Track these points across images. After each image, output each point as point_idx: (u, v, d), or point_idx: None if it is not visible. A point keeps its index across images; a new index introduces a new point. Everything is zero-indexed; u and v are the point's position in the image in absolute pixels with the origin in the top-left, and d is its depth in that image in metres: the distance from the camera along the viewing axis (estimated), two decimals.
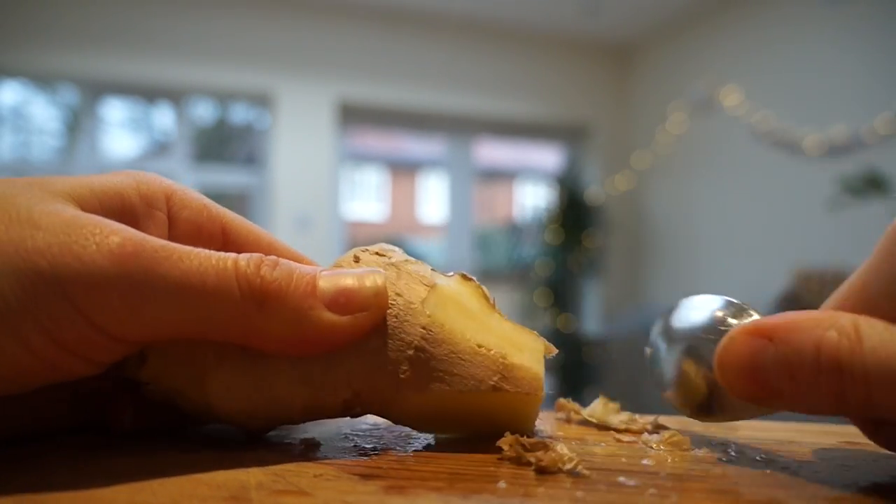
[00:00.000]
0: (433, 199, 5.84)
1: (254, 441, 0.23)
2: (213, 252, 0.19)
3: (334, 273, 0.21)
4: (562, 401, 0.28)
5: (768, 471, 0.20)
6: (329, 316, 0.20)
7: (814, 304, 0.21)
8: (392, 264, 0.23)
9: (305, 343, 0.20)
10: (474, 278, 0.23)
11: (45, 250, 0.17)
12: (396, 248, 0.24)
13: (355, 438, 0.23)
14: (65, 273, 0.17)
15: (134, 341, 0.19)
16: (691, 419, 0.23)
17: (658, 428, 0.25)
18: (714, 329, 0.21)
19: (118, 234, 0.18)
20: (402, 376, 0.21)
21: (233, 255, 0.20)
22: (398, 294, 0.22)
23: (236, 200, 3.51)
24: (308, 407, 0.21)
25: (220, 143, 3.97)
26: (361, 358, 0.21)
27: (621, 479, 0.18)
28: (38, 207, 0.18)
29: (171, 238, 0.23)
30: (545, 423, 0.27)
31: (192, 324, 0.19)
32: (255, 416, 0.21)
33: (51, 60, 3.05)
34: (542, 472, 0.19)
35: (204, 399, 0.22)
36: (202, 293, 0.19)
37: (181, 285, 0.18)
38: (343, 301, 0.21)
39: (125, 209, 0.21)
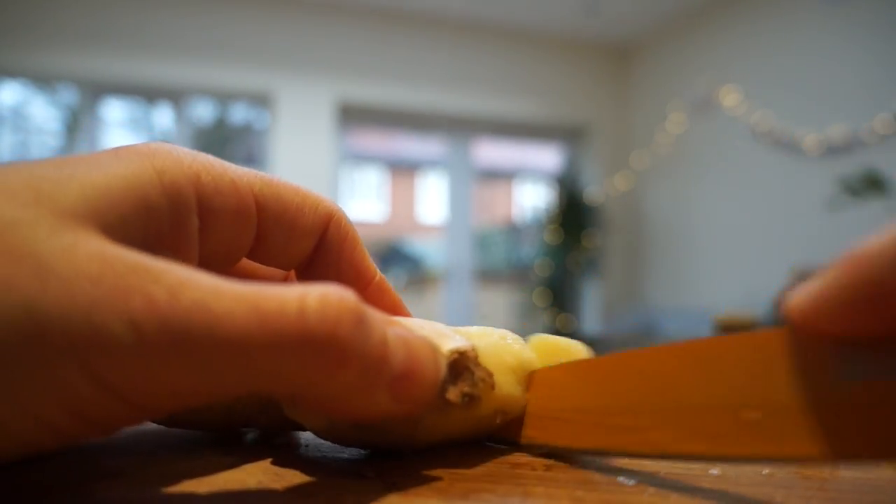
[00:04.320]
0: (433, 199, 5.84)
1: (253, 441, 0.23)
2: (264, 293, 0.15)
3: (406, 340, 0.17)
4: None
5: (767, 470, 0.20)
6: (384, 402, 0.16)
7: None
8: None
9: (345, 413, 0.17)
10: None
11: (57, 312, 0.13)
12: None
13: None
14: (80, 340, 0.13)
15: (171, 408, 0.16)
16: None
17: None
18: None
19: (140, 292, 0.14)
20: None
21: (294, 295, 0.15)
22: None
23: None
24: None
25: (219, 143, 3.97)
26: None
27: (621, 478, 0.18)
28: (46, 242, 0.14)
29: (205, 237, 0.19)
30: None
31: (238, 385, 0.15)
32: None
33: (51, 60, 3.05)
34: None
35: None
36: (253, 349, 0.14)
37: (223, 348, 0.14)
38: (406, 386, 0.17)
39: (150, 219, 0.17)
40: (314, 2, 3.42)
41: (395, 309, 0.25)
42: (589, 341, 0.24)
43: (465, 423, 0.21)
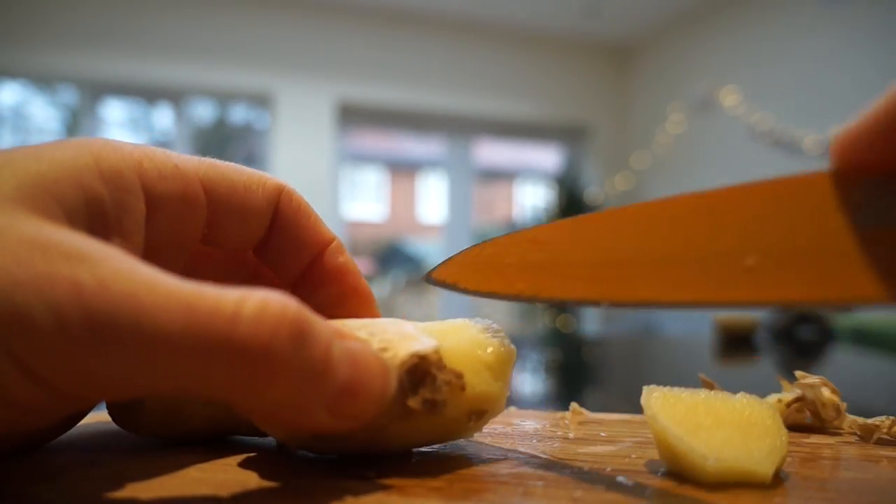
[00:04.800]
0: (433, 199, 5.84)
1: (253, 442, 0.23)
2: (200, 293, 0.14)
3: (354, 355, 0.16)
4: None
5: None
6: (323, 417, 0.16)
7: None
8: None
9: (282, 425, 0.17)
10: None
11: None
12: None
13: None
14: (1, 323, 0.13)
15: (97, 398, 0.15)
16: None
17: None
18: None
19: (67, 278, 0.14)
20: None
21: (231, 299, 0.14)
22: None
23: None
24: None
25: (219, 144, 3.97)
26: None
27: (620, 479, 0.19)
28: None
29: (153, 224, 0.19)
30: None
31: (164, 383, 0.15)
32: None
33: (51, 60, 3.05)
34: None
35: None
36: (178, 350, 0.14)
37: (147, 344, 0.14)
38: (346, 403, 0.16)
39: (90, 204, 0.17)
40: (314, 2, 3.42)
41: (347, 272, 0.24)
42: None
43: (434, 428, 0.20)
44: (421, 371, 0.18)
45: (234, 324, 0.14)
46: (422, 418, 0.19)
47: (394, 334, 0.19)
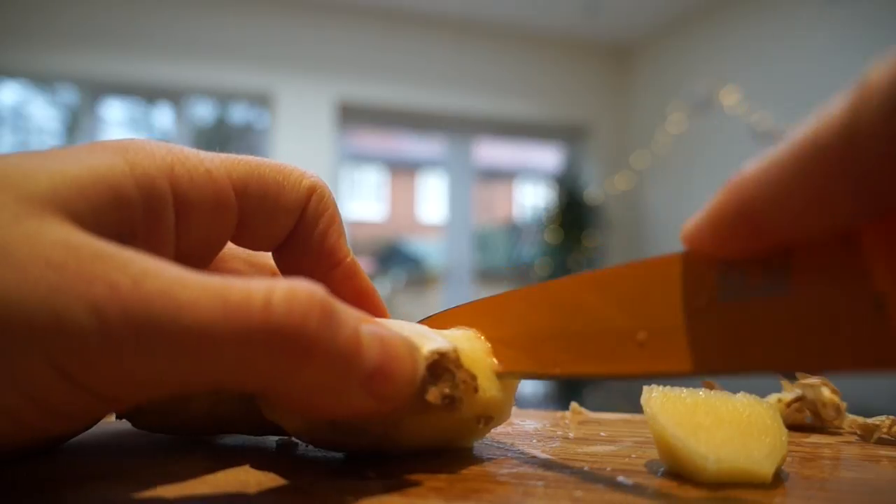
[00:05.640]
0: (433, 199, 5.84)
1: (253, 441, 0.24)
2: (230, 285, 0.15)
3: (382, 337, 0.17)
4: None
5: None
6: (358, 399, 0.16)
7: None
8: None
9: (319, 410, 0.17)
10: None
11: (16, 298, 0.13)
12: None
13: None
14: (41, 327, 0.13)
15: (134, 400, 0.16)
16: None
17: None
18: None
19: (103, 279, 0.14)
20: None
21: (261, 288, 0.15)
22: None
23: None
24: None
25: (219, 144, 3.97)
26: None
27: (620, 479, 0.19)
28: (8, 228, 0.14)
29: (183, 231, 0.19)
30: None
31: (203, 377, 0.15)
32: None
33: (51, 60, 3.05)
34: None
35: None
36: (217, 341, 0.14)
37: (187, 338, 0.14)
38: (381, 383, 0.16)
39: (122, 211, 0.17)
40: (314, 2, 3.42)
41: (362, 296, 0.23)
42: None
43: (446, 426, 0.20)
44: (441, 368, 0.19)
45: (267, 311, 0.14)
46: (436, 415, 0.19)
47: (412, 332, 0.19)
